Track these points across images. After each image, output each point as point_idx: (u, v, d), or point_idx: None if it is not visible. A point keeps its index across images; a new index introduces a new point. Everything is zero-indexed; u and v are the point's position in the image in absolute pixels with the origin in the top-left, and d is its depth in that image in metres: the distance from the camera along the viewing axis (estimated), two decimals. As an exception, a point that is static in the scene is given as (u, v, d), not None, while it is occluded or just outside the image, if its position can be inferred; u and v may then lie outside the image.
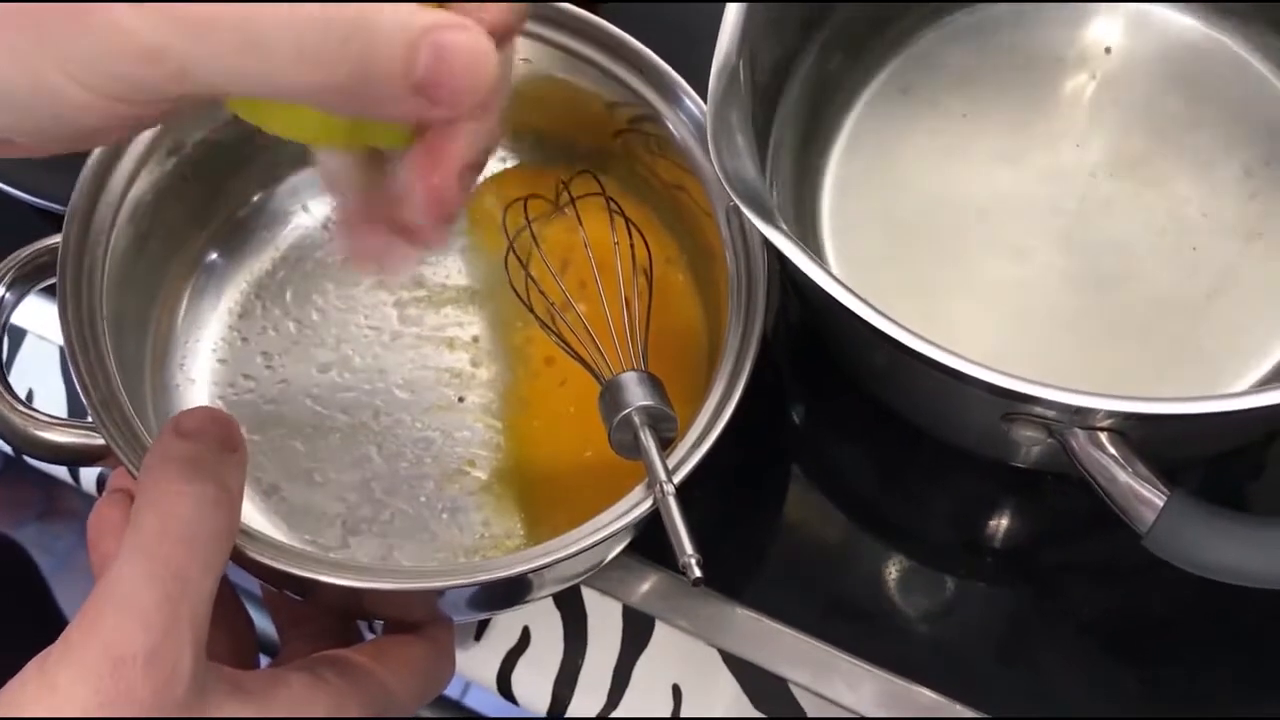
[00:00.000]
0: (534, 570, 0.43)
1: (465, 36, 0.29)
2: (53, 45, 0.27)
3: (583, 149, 0.55)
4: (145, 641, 0.36)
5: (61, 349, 0.58)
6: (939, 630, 0.52)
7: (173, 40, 0.26)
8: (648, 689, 0.52)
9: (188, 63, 0.27)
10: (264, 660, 0.48)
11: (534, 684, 0.53)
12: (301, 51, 0.27)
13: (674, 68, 0.50)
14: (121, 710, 0.35)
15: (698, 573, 0.41)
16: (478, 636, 0.53)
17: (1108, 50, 0.56)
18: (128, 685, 0.35)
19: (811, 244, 0.53)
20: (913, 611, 0.52)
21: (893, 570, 0.53)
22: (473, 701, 0.90)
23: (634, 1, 0.61)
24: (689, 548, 0.41)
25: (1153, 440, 0.43)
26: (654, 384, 0.45)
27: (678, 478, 0.43)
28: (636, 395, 0.44)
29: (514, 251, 0.51)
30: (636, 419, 0.44)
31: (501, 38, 0.31)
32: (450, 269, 0.55)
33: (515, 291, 0.50)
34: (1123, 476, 0.42)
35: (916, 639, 0.52)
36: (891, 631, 0.52)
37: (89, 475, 0.58)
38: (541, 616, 0.53)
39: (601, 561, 0.48)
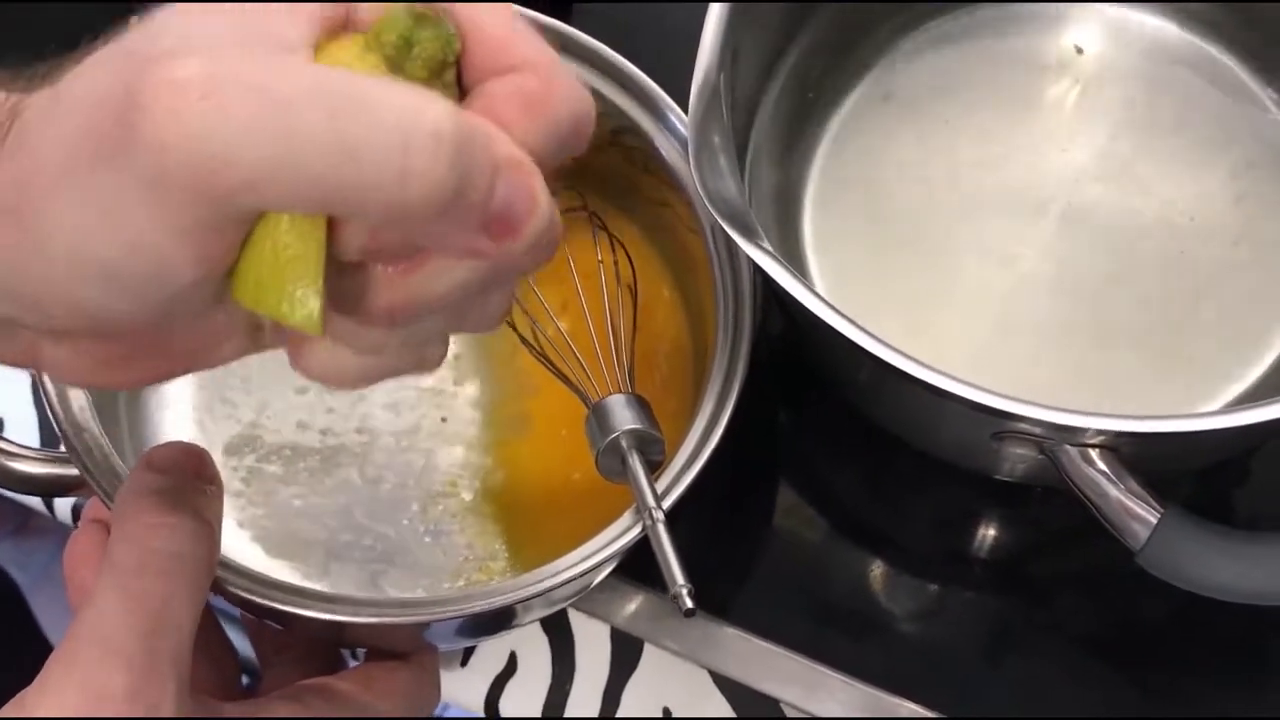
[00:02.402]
0: (519, 601, 0.42)
1: (537, 179, 0.28)
2: (120, 171, 0.25)
3: (562, 163, 0.54)
4: (125, 680, 0.35)
5: (32, 374, 0.57)
6: (929, 644, 0.52)
7: (231, 149, 0.24)
8: (637, 711, 0.52)
9: (255, 174, 0.25)
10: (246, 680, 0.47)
11: (523, 709, 0.52)
12: (407, 165, 0.25)
13: (652, 78, 0.49)
14: None
15: (689, 604, 0.40)
16: (464, 662, 0.53)
17: (1078, 50, 0.55)
18: None
19: (794, 255, 0.53)
20: (903, 627, 0.52)
21: (881, 585, 0.52)
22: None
23: (609, 1, 0.60)
24: (680, 577, 0.40)
25: (1144, 455, 0.42)
26: (641, 406, 0.44)
27: (667, 503, 0.42)
28: (624, 419, 0.44)
29: None
30: (624, 443, 0.43)
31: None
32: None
33: (499, 312, 0.49)
34: (1115, 493, 0.42)
35: (906, 654, 0.51)
36: (882, 648, 0.52)
37: (63, 503, 0.57)
38: (529, 640, 0.53)
39: (589, 585, 0.47)
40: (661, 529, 0.41)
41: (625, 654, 0.52)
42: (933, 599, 0.52)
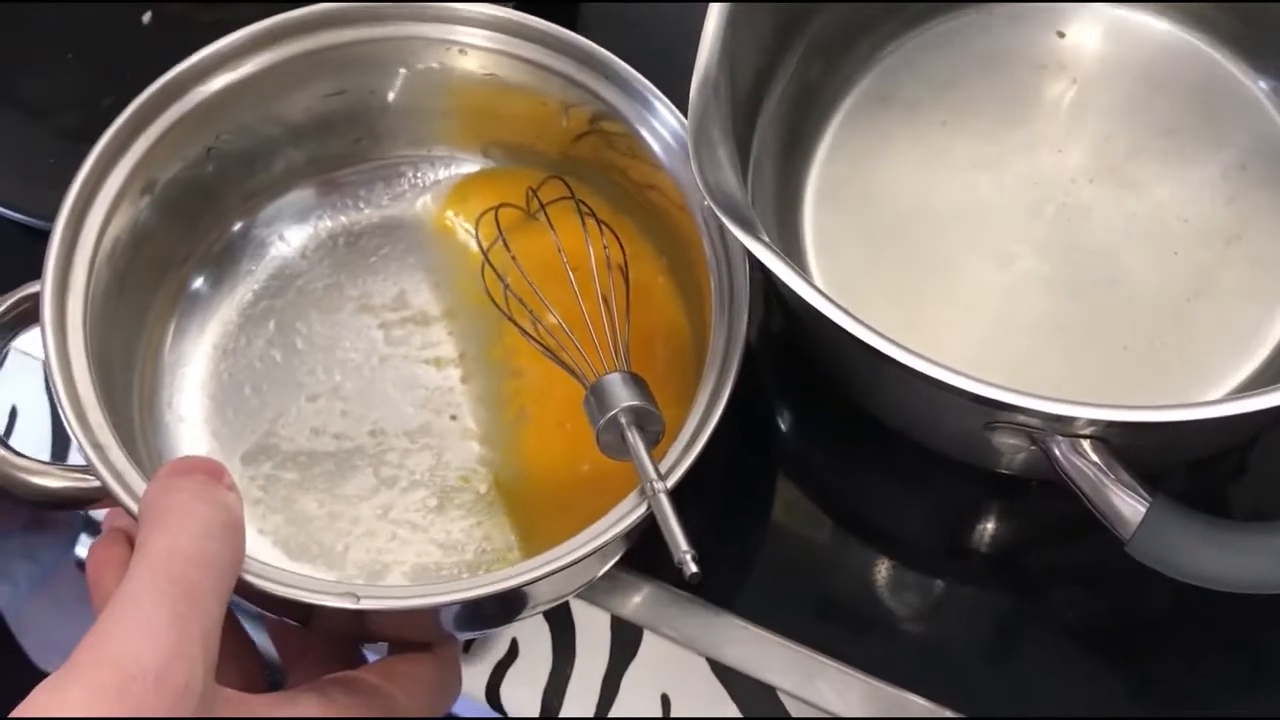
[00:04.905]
0: (530, 582, 0.42)
1: None
2: None
3: (550, 158, 0.55)
4: (156, 659, 0.35)
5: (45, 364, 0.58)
6: (926, 635, 0.52)
7: None
8: (636, 698, 0.52)
9: None
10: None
11: (523, 695, 0.53)
12: None
13: (653, 72, 0.51)
14: None
15: (693, 568, 0.41)
16: (466, 649, 0.53)
17: (1060, 35, 0.56)
18: (137, 703, 0.34)
19: (794, 253, 0.53)
20: (900, 617, 0.52)
21: (879, 576, 0.53)
22: (460, 712, 0.91)
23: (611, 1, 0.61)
24: (684, 544, 0.41)
25: (1135, 447, 0.43)
26: (638, 383, 0.45)
27: (673, 479, 0.43)
28: (621, 396, 0.44)
29: (489, 263, 0.51)
30: (623, 419, 0.44)
31: None
32: (432, 286, 0.54)
33: (495, 303, 0.50)
34: (1105, 484, 0.42)
35: (904, 645, 0.52)
36: (879, 637, 0.52)
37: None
38: (529, 628, 0.53)
39: (596, 575, 0.48)
40: (664, 499, 0.42)
41: (625, 641, 0.53)
42: (931, 591, 0.53)
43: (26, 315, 0.47)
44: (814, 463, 0.57)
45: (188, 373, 0.53)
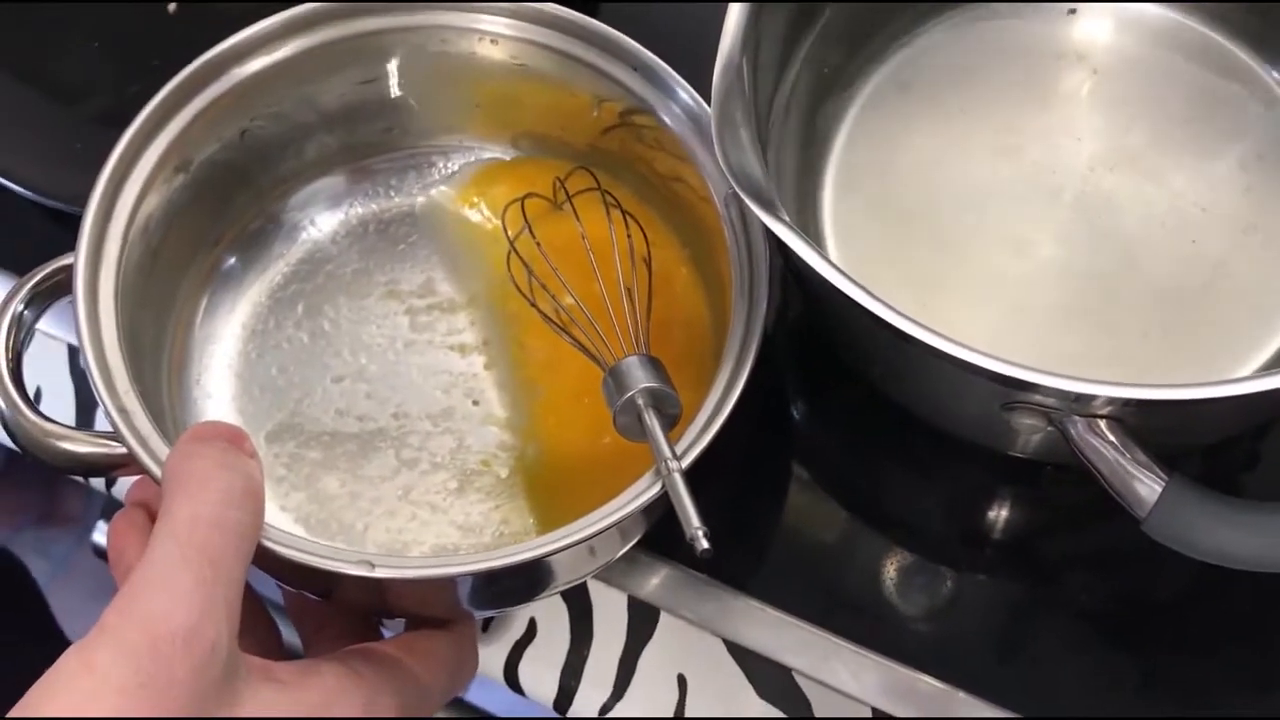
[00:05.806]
0: (545, 556, 0.43)
1: None
2: None
3: (577, 149, 0.56)
4: (183, 621, 0.36)
5: (70, 345, 0.59)
6: (940, 618, 0.52)
7: None
8: (653, 679, 0.53)
9: None
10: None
11: (541, 675, 0.53)
12: None
13: (674, 64, 0.51)
14: (159, 690, 0.35)
15: (705, 544, 0.41)
16: (485, 628, 0.54)
17: (1071, 11, 0.56)
18: (166, 664, 0.35)
19: (813, 238, 0.54)
20: (914, 600, 0.53)
21: (894, 560, 0.53)
22: (477, 698, 0.91)
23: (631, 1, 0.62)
24: (695, 520, 0.41)
25: (1151, 428, 0.43)
26: (655, 366, 0.45)
27: (688, 460, 0.43)
28: (639, 378, 0.45)
29: (515, 251, 0.51)
30: (640, 401, 0.45)
31: None
32: (459, 274, 0.55)
33: (519, 290, 0.51)
34: (1122, 463, 0.42)
35: (918, 627, 0.52)
36: (893, 620, 0.52)
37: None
38: (547, 608, 0.54)
39: (614, 556, 0.48)
40: (678, 478, 0.42)
41: (642, 622, 0.53)
42: (945, 576, 0.53)
43: (59, 287, 0.48)
44: (830, 448, 0.57)
45: (216, 351, 0.54)
